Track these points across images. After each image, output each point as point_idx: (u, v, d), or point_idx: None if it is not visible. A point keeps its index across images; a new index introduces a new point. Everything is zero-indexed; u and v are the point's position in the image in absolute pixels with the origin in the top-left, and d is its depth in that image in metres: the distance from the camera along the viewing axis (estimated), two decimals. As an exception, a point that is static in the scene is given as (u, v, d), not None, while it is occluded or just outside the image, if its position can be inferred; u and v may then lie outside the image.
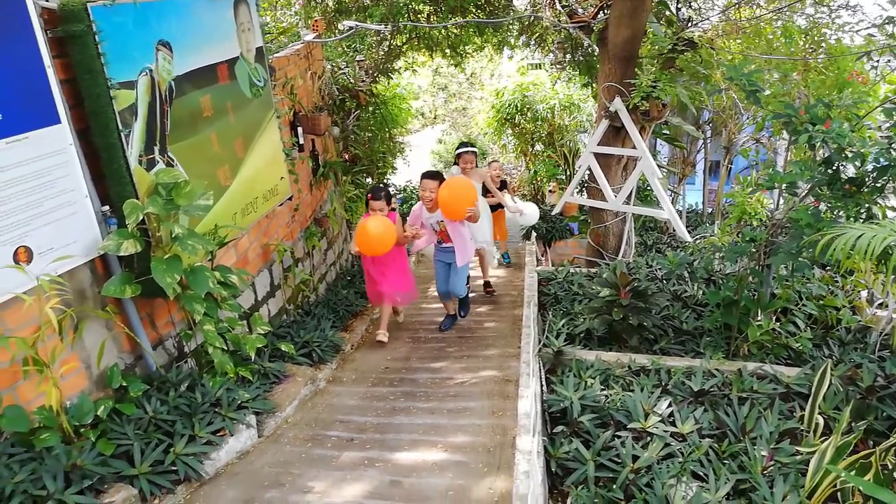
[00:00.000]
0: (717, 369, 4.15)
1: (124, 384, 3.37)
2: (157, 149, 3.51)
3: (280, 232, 5.60)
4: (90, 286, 3.26)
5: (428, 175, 5.55)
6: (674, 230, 8.17)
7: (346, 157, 9.19)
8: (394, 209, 5.53)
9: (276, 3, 9.95)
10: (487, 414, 4.04)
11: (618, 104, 6.43)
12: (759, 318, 4.60)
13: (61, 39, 3.04)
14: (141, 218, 3.16)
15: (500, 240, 8.02)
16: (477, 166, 6.86)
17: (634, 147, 6.50)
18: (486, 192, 7.25)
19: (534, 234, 9.63)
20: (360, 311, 6.59)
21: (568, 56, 9.83)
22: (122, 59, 3.22)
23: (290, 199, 5.54)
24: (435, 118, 21.94)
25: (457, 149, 6.96)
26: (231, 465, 3.50)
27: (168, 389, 3.57)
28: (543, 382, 4.18)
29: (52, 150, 2.93)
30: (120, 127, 3.17)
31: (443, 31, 9.51)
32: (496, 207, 7.56)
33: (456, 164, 6.88)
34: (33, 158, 2.84)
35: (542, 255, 9.52)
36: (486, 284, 7.02)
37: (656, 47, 6.26)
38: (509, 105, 12.47)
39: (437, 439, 3.72)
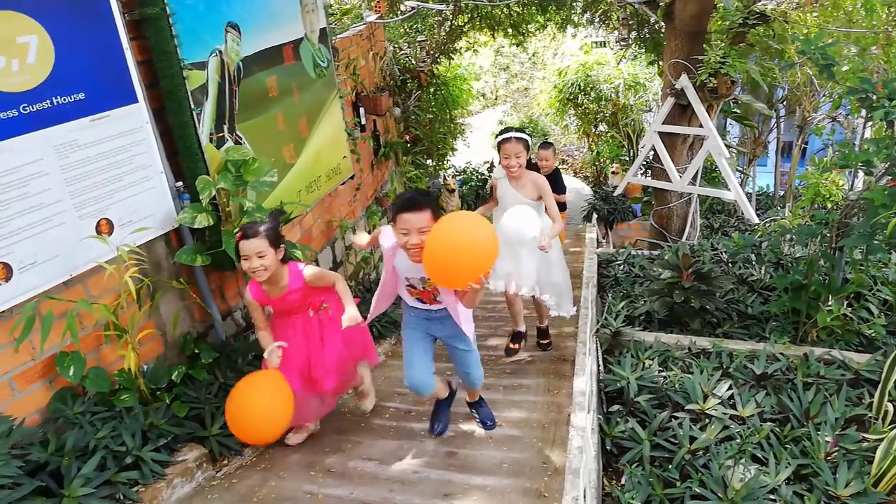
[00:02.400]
0: (781, 353, 4.04)
1: (196, 351, 3.56)
2: (226, 127, 3.66)
3: (342, 210, 5.74)
4: (165, 258, 3.45)
5: (410, 205, 2.77)
6: (741, 212, 7.92)
7: (407, 137, 9.29)
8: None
9: (340, -16, 10.09)
10: (542, 391, 4.06)
11: (684, 81, 6.26)
12: (829, 304, 4.43)
13: (138, 22, 3.20)
14: (213, 193, 3.31)
15: None
16: (530, 161, 4.19)
17: (701, 126, 6.33)
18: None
19: (595, 215, 9.51)
20: (420, 289, 6.69)
21: (633, 33, 9.60)
22: (194, 40, 3.36)
23: (352, 177, 5.66)
24: (496, 99, 21.80)
25: (498, 135, 4.14)
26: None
27: (236, 358, 3.74)
28: (600, 362, 4.16)
29: (131, 128, 3.10)
30: (192, 106, 3.32)
31: (504, 9, 9.44)
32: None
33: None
34: (114, 136, 3.02)
35: (603, 237, 9.40)
36: (543, 334, 4.79)
37: (726, 22, 6.05)
38: (572, 85, 12.29)
39: (493, 413, 3.77)
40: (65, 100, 2.80)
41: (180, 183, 3.43)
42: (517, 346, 4.72)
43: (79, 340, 2.86)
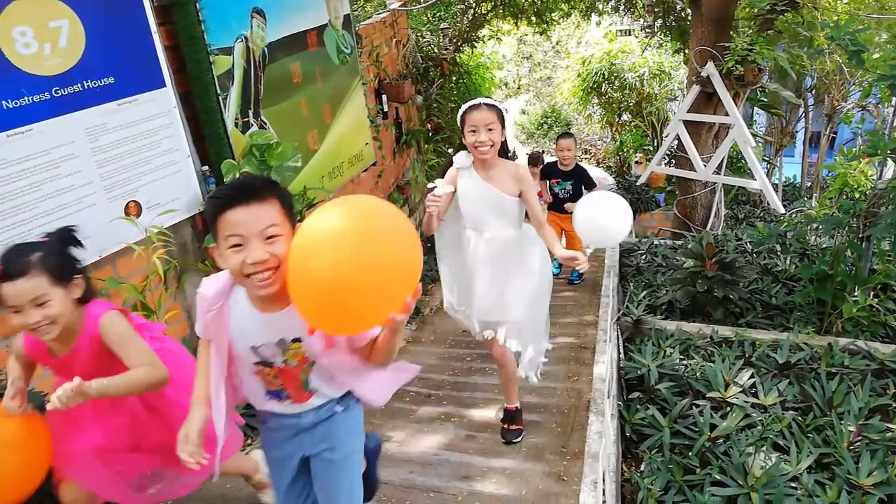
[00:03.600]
0: (805, 343, 4.00)
1: (220, 333, 3.62)
2: (251, 112, 3.70)
3: (364, 197, 5.77)
4: (191, 241, 3.51)
5: (243, 192, 1.62)
6: (767, 203, 7.82)
7: (429, 125, 9.28)
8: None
9: (364, -28, 10.09)
10: (562, 378, 4.07)
11: (710, 69, 6.18)
12: (855, 294, 4.37)
13: (165, 7, 3.25)
14: (236, 177, 3.36)
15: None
16: (507, 156, 2.96)
17: (727, 114, 6.25)
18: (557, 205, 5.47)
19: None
20: (440, 276, 6.70)
21: (659, 20, 9.48)
22: (221, 26, 3.40)
23: (374, 164, 5.68)
24: (519, 88, 21.68)
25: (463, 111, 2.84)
26: (316, 413, 3.70)
27: (259, 340, 3.79)
28: (621, 350, 4.16)
29: (159, 112, 3.15)
30: (218, 91, 3.37)
31: (529, -3, 9.38)
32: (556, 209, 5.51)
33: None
34: (142, 119, 3.07)
35: (626, 227, 9.35)
36: (510, 417, 3.30)
37: (754, 8, 5.96)
38: (596, 73, 12.18)
39: (512, 400, 3.79)
40: (95, 83, 2.85)
41: (206, 167, 3.48)
42: (519, 426, 3.28)
43: (108, 319, 2.92)
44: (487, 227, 2.90)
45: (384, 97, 6.31)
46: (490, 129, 2.73)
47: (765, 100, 8.79)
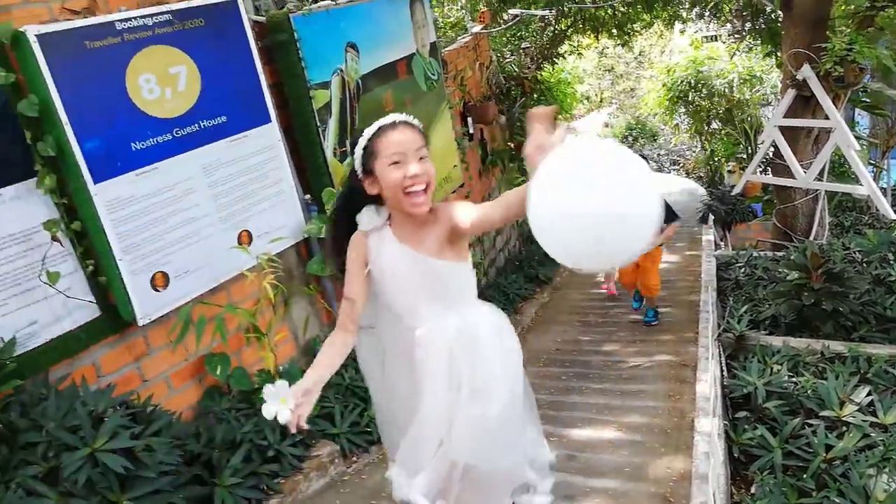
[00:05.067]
0: (929, 359, 3.74)
1: (324, 354, 3.78)
2: (348, 142, 3.88)
3: (453, 218, 5.88)
4: (296, 266, 3.70)
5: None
6: (875, 209, 7.36)
7: (512, 144, 9.34)
8: None
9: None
10: (663, 397, 3.98)
11: (807, 71, 5.92)
12: (984, 304, 4.05)
13: (269, 48, 3.48)
14: (337, 204, 3.53)
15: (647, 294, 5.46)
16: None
17: (827, 118, 5.96)
18: None
19: (711, 216, 9.14)
20: (530, 294, 6.71)
21: (747, 24, 9.17)
22: (318, 62, 3.60)
23: (461, 186, 5.79)
24: (601, 102, 21.42)
25: (370, 136, 1.86)
26: (416, 431, 3.79)
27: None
28: (724, 367, 4.03)
29: (266, 146, 3.36)
30: (318, 123, 3.57)
31: (609, 10, 9.31)
32: None
33: None
34: (251, 154, 3.29)
35: (721, 240, 9.01)
36: None
37: (851, 6, 5.68)
38: (682, 82, 11.88)
39: (611, 419, 3.75)
40: (210, 123, 3.09)
41: (308, 195, 3.67)
42: None
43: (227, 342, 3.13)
44: (418, 316, 1.91)
45: (469, 119, 6.42)
46: (423, 159, 1.80)
47: (867, 100, 8.30)
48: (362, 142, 1.80)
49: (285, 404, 1.62)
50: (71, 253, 2.69)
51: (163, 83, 2.90)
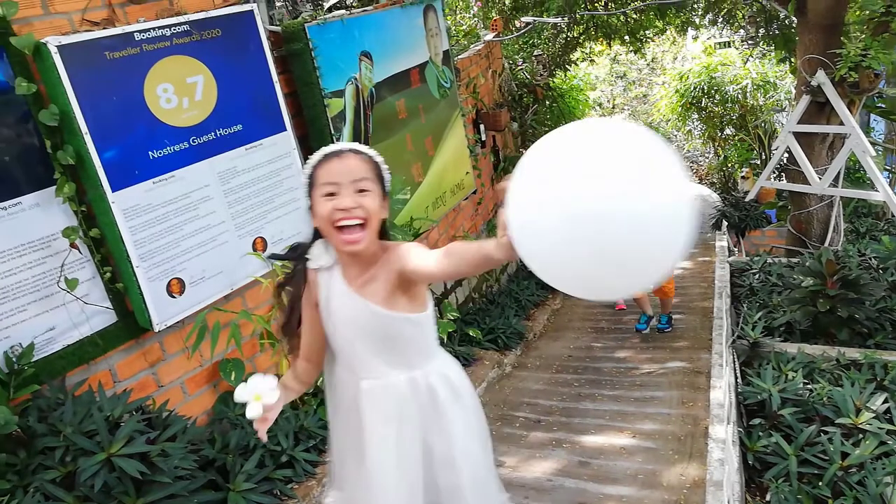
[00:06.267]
0: (947, 366, 3.70)
1: (337, 360, 3.80)
2: (361, 149, 3.91)
3: (465, 224, 5.89)
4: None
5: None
6: (891, 214, 7.30)
7: (524, 151, 9.36)
8: None
9: (456, 7, 10.38)
10: (676, 404, 3.96)
11: (821, 77, 5.89)
12: None
13: (284, 57, 3.52)
14: (350, 211, 3.55)
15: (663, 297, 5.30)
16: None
17: (842, 123, 5.92)
18: None
19: (724, 223, 9.09)
20: (541, 301, 6.71)
21: (761, 30, 9.13)
22: (333, 71, 3.64)
23: (474, 192, 5.80)
24: (613, 108, 21.39)
25: (313, 165, 1.73)
26: (428, 437, 3.79)
27: (373, 366, 3.95)
28: (738, 374, 4.00)
29: (281, 154, 3.40)
30: (332, 132, 3.60)
31: (621, 17, 9.31)
32: None
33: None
34: (266, 162, 3.33)
35: (735, 246, 8.95)
36: None
37: (865, 12, 5.65)
38: (695, 88, 11.84)
39: (623, 425, 3.74)
40: (226, 131, 3.13)
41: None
42: None
43: (241, 348, 3.16)
44: (366, 368, 1.70)
45: (482, 126, 6.45)
46: (362, 192, 1.57)
47: (882, 106, 8.24)
48: (307, 170, 1.63)
49: (258, 401, 1.67)
50: (89, 260, 2.73)
51: (180, 93, 2.94)
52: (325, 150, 1.62)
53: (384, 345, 1.69)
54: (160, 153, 2.87)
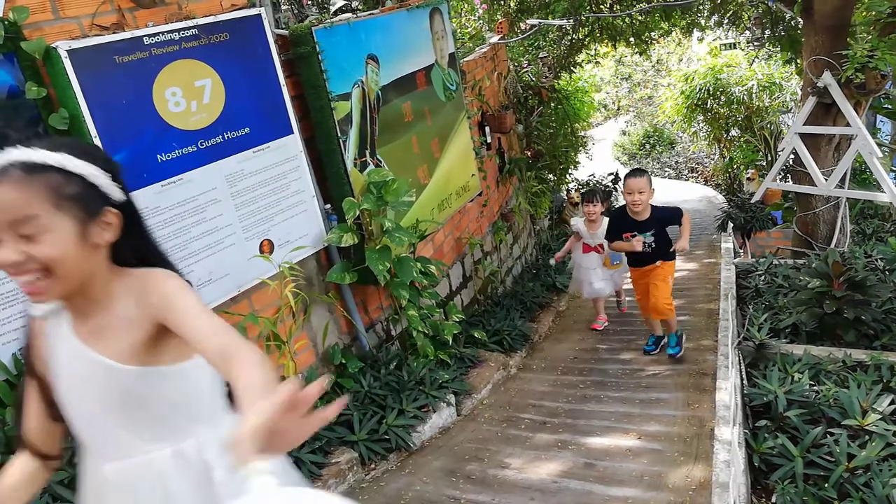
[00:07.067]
0: (954, 368, 3.69)
1: (343, 361, 3.82)
2: (367, 152, 3.93)
3: (471, 226, 5.91)
4: (316, 274, 3.75)
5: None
6: (899, 216, 7.28)
7: (530, 153, 9.35)
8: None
9: (461, 10, 10.40)
10: (682, 405, 3.96)
11: (827, 78, 5.89)
12: None
13: (291, 61, 3.54)
14: (357, 214, 3.57)
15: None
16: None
17: (848, 125, 5.91)
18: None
19: (730, 224, 9.08)
20: (547, 302, 6.71)
21: (767, 32, 9.12)
22: (340, 74, 3.66)
23: (479, 195, 5.82)
24: (618, 109, 21.38)
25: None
26: (434, 439, 3.81)
27: (379, 367, 3.97)
28: (744, 375, 4.00)
29: (288, 157, 3.42)
30: (339, 135, 3.62)
31: (626, 19, 9.31)
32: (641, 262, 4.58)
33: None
34: (273, 164, 3.35)
35: (741, 248, 8.94)
36: None
37: (872, 13, 5.65)
38: (700, 90, 11.84)
39: (629, 427, 3.74)
40: (233, 134, 3.15)
41: (328, 205, 3.72)
42: None
43: (247, 349, 3.17)
44: (112, 445, 1.29)
45: (487, 128, 6.46)
46: (29, 238, 1.15)
47: (889, 107, 8.21)
48: None
49: None
50: (99, 262, 2.75)
51: (188, 96, 2.97)
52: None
53: (133, 413, 1.25)
54: (169, 156, 2.89)
